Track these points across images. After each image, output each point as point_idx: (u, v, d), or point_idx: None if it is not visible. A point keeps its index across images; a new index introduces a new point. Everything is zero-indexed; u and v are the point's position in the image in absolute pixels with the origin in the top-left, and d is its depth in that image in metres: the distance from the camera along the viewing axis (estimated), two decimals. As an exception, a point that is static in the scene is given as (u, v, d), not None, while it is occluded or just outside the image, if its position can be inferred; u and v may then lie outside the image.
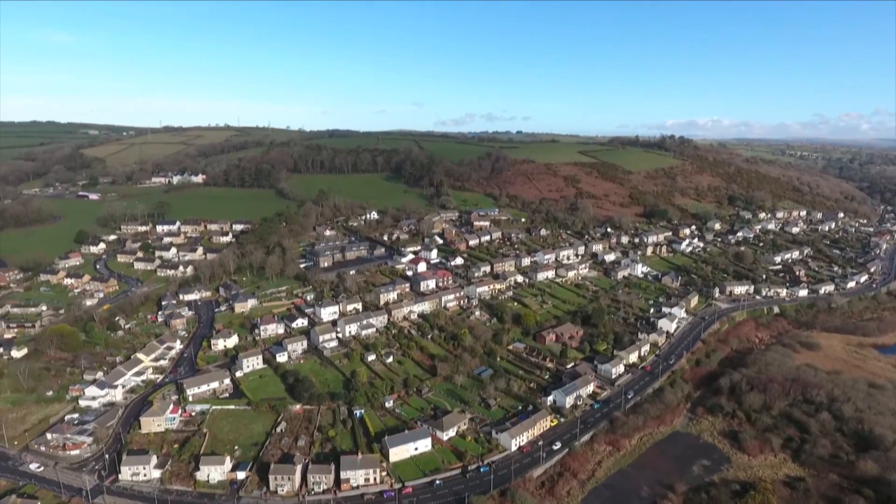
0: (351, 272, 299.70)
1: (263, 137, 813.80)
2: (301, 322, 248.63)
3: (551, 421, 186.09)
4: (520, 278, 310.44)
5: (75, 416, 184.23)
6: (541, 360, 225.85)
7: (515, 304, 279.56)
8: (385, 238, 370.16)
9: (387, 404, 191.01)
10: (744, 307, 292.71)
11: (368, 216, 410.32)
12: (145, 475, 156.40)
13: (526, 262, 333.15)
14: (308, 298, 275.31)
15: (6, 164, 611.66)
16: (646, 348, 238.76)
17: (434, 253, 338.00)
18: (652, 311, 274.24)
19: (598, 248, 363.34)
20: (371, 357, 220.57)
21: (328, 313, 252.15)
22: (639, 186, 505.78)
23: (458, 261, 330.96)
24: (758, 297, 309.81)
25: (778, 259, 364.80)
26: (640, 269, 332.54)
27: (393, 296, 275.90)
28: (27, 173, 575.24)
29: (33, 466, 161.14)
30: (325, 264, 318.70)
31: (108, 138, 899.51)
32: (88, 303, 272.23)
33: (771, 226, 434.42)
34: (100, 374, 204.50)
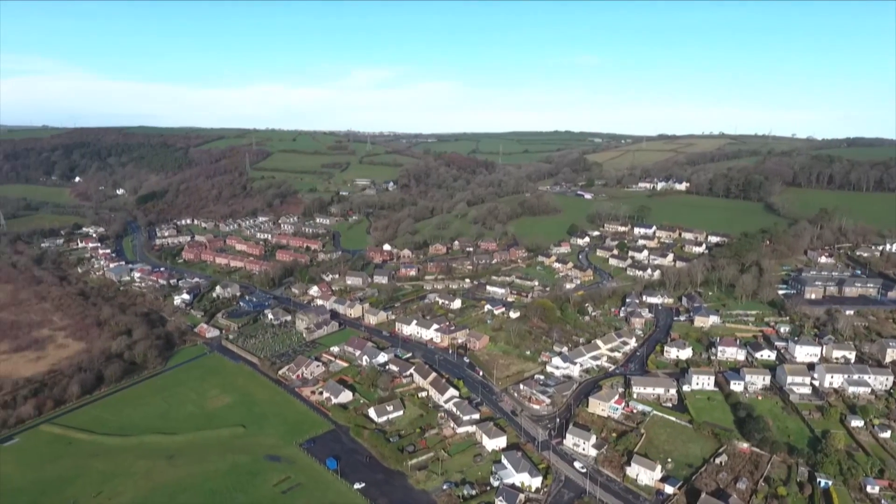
0: (847, 312, 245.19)
1: (761, 146, 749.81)
2: (767, 354, 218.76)
3: None
4: None
5: (541, 377, 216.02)
6: None
7: None
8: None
9: (869, 488, 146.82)
10: None
11: (888, 247, 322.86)
12: (583, 449, 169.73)
13: None
14: (781, 330, 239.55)
15: (532, 165, 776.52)
16: None
17: None
18: None
19: None
20: (857, 423, 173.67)
21: (805, 353, 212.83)
22: None
23: None
24: None
25: None
26: None
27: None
28: (543, 173, 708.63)
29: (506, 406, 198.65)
30: (813, 296, 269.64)
31: (609, 146, 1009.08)
32: (567, 286, 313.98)
33: None
34: (565, 349, 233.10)
